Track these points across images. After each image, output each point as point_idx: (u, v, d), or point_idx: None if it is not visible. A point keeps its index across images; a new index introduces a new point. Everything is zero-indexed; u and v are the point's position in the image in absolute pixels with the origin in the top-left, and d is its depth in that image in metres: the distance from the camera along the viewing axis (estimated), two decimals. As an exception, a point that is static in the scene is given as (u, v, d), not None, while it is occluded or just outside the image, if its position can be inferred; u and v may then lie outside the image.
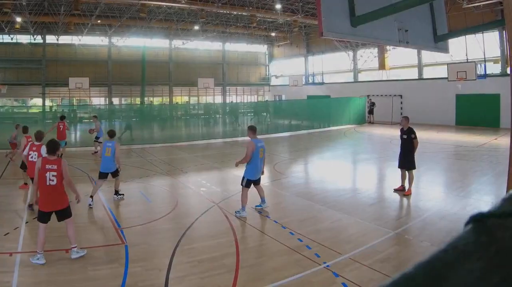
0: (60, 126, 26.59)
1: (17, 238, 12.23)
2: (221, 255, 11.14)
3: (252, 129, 15.56)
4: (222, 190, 18.52)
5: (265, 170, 15.29)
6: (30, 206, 15.13)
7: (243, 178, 14.99)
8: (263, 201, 15.35)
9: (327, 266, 10.26)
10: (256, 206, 15.45)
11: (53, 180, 10.72)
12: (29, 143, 16.40)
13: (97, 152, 27.42)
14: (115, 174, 17.35)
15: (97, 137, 28.69)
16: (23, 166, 17.81)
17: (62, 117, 27.52)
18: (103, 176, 17.11)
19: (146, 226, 13.69)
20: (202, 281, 9.64)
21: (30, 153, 15.68)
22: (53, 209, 10.94)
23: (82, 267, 10.24)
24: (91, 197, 16.13)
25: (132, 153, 28.68)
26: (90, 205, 15.81)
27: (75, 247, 10.91)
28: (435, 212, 14.85)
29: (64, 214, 11.07)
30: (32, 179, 13.22)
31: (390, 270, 9.89)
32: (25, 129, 20.15)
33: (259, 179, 15.33)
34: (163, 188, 19.65)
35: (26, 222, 13.75)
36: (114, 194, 17.45)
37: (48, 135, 21.26)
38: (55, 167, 10.76)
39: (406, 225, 13.61)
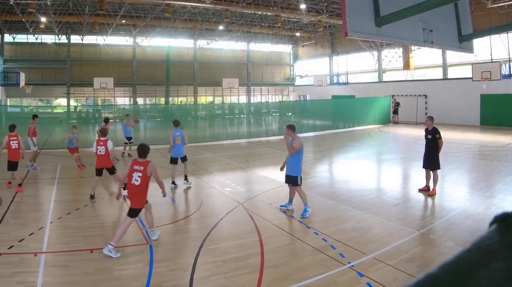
0: None
1: (42, 238, 12.22)
2: (245, 255, 11.14)
3: (293, 128, 14.82)
4: (246, 190, 18.51)
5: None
6: (92, 196, 17.22)
7: (297, 177, 14.61)
8: (290, 202, 15.21)
9: (352, 266, 10.22)
10: (281, 206, 15.35)
11: (137, 180, 11.56)
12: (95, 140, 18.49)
13: (129, 154, 27.91)
14: (184, 159, 19.40)
15: (128, 138, 28.66)
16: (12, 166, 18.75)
17: (106, 120, 27.31)
18: (174, 161, 18.96)
19: (171, 226, 13.76)
20: (227, 281, 9.64)
21: (98, 147, 17.54)
22: (135, 206, 11.73)
23: (107, 267, 10.28)
24: (173, 182, 17.74)
25: (157, 153, 28.57)
26: (175, 186, 18.09)
27: (153, 230, 12.41)
28: (460, 212, 14.76)
29: (134, 213, 11.69)
30: (99, 170, 17.56)
31: (415, 270, 9.84)
32: (11, 128, 20.02)
33: None
34: (187, 188, 19.49)
35: (51, 222, 13.77)
36: (184, 179, 19.20)
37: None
38: (141, 168, 11.61)
39: (431, 225, 13.52)
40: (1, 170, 18.94)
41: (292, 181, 14.67)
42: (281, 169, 15.12)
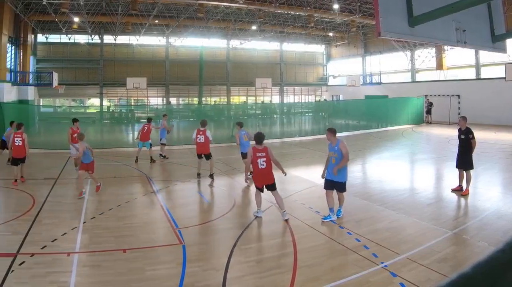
0: (145, 128, 26.52)
1: (75, 238, 12.33)
2: (279, 255, 11.19)
3: (333, 131, 14.88)
4: (279, 190, 17.93)
5: (323, 169, 15.10)
6: (199, 174, 21.11)
7: (344, 183, 14.33)
8: (333, 211, 14.45)
9: (385, 266, 10.21)
10: (324, 218, 14.34)
11: (263, 165, 14.07)
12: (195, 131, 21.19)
13: (165, 156, 27.82)
14: (208, 157, 20.84)
15: (161, 139, 28.27)
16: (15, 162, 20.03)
17: (149, 120, 27.42)
18: (244, 155, 19.79)
19: (204, 226, 13.81)
20: (260, 281, 9.66)
21: (198, 136, 20.83)
22: (264, 183, 14.24)
23: (139, 267, 10.34)
24: (247, 180, 17.07)
25: (189, 153, 28.61)
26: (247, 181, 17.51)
27: (285, 211, 14.14)
28: (493, 212, 14.64)
29: (272, 187, 14.25)
30: (199, 155, 21.10)
31: (448, 270, 9.80)
32: (18, 126, 21.36)
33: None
34: (220, 187, 19.67)
35: (84, 222, 13.90)
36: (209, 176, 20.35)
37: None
38: (264, 154, 14.11)
39: (464, 225, 13.44)
40: (34, 170, 19.04)
41: (339, 187, 14.24)
42: (323, 176, 14.64)
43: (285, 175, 14.85)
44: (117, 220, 14.35)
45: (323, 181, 14.44)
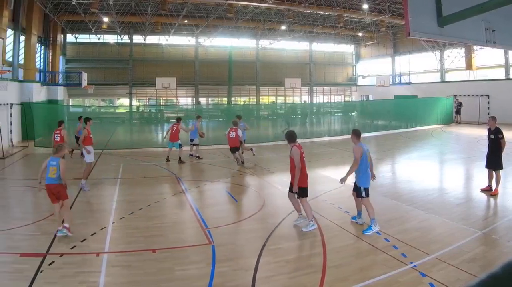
0: (173, 128, 26.45)
1: (104, 238, 12.42)
2: (308, 255, 11.26)
3: (357, 134, 13.90)
4: (309, 190, 18.37)
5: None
6: (242, 162, 23.60)
7: (360, 188, 13.37)
8: (359, 215, 14.09)
9: (414, 266, 10.19)
10: (352, 218, 14.35)
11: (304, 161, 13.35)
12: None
13: (198, 156, 27.75)
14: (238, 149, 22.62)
15: (191, 140, 28.18)
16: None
17: (178, 119, 27.29)
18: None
19: (233, 226, 13.79)
20: (289, 281, 9.65)
21: (230, 133, 24.05)
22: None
23: (169, 268, 10.37)
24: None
25: (218, 153, 29.01)
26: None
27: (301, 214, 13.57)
28: (522, 212, 14.60)
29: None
30: (232, 148, 24.12)
31: (477, 270, 9.75)
32: (59, 124, 22.97)
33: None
34: (250, 188, 19.65)
35: (113, 222, 13.99)
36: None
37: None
38: (303, 150, 13.19)
39: (493, 225, 13.38)
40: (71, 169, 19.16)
41: (357, 191, 13.63)
42: (342, 181, 13.64)
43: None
44: (146, 220, 14.41)
45: (352, 181, 14.30)
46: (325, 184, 19.38)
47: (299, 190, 13.04)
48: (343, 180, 13.60)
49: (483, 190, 17.55)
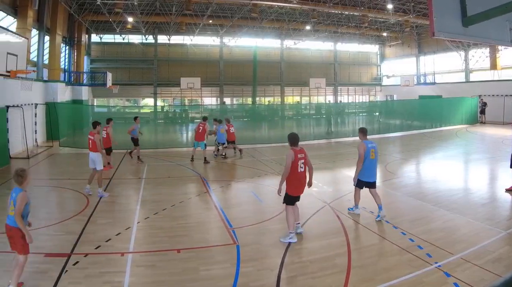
0: (200, 127, 26.26)
1: (129, 238, 12.52)
2: (332, 255, 11.16)
3: (363, 131, 15.29)
4: (333, 190, 18.52)
5: (377, 169, 14.92)
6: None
7: (358, 179, 14.83)
8: (380, 208, 14.35)
9: (439, 266, 10.19)
10: (377, 215, 14.63)
11: (302, 167, 12.39)
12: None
13: (223, 154, 27.78)
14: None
15: (219, 142, 27.98)
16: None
17: (205, 119, 27.01)
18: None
19: (258, 226, 13.80)
20: (314, 281, 9.66)
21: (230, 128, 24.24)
22: (300, 193, 12.66)
23: (193, 268, 10.41)
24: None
25: (243, 153, 28.82)
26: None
27: (299, 223, 12.99)
28: (547, 211, 14.53)
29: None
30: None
31: (502, 270, 9.76)
32: (107, 121, 23.58)
33: (374, 183, 14.76)
34: (274, 187, 18.79)
35: (138, 222, 14.08)
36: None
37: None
38: (303, 155, 12.45)
39: (518, 225, 13.38)
40: (88, 169, 19.18)
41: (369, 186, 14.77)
42: (354, 181, 14.86)
43: (309, 187, 13.04)
44: (171, 220, 14.47)
45: (377, 181, 14.49)
46: (349, 184, 18.95)
47: (285, 196, 12.62)
48: (354, 180, 14.83)
49: (507, 190, 17.53)
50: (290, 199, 12.57)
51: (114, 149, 25.94)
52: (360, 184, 14.79)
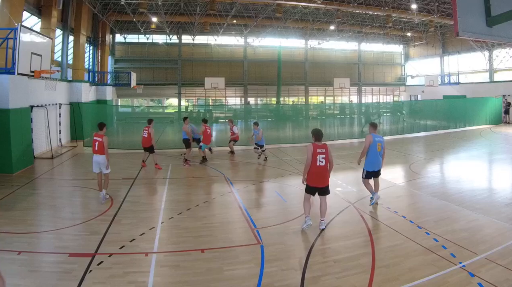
0: (208, 130, 26.40)
1: (153, 238, 12.55)
2: (356, 255, 11.14)
3: (373, 125, 16.59)
4: (358, 190, 18.45)
5: (401, 169, 15.07)
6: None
7: (363, 170, 16.11)
8: (374, 194, 16.04)
9: (463, 266, 10.15)
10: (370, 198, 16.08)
11: (322, 161, 13.37)
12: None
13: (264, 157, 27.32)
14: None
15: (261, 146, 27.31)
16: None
17: (205, 121, 27.12)
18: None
19: (282, 226, 13.77)
20: (338, 281, 9.65)
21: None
22: (318, 185, 13.48)
23: (218, 267, 10.42)
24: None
25: (268, 153, 28.26)
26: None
27: (323, 220, 13.54)
28: None
29: (326, 190, 13.63)
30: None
31: (526, 270, 9.75)
32: (149, 121, 23.37)
33: (379, 171, 16.01)
34: (298, 187, 19.20)
35: (162, 222, 14.12)
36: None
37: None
38: (324, 150, 13.45)
39: (542, 225, 13.31)
40: (112, 170, 19.20)
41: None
42: (358, 162, 16.74)
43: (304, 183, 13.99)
44: (195, 220, 14.50)
45: (401, 181, 14.64)
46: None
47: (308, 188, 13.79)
48: (358, 162, 16.59)
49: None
50: (307, 189, 13.63)
51: (138, 150, 26.10)
52: (368, 175, 15.91)
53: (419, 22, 58.99)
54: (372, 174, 15.89)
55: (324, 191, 13.60)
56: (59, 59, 37.83)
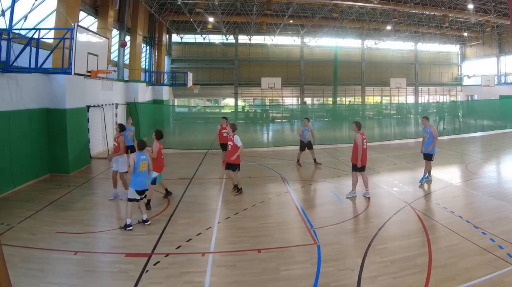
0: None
1: (210, 238, 12.63)
2: (413, 255, 11.10)
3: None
4: (414, 190, 18.37)
5: (457, 169, 15.41)
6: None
7: (428, 154, 19.54)
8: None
9: (519, 266, 10.05)
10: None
11: (365, 145, 17.44)
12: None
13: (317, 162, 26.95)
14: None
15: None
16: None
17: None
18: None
19: (338, 226, 13.76)
20: (394, 281, 9.63)
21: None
22: (365, 163, 17.55)
23: (274, 268, 10.45)
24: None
25: (324, 153, 28.88)
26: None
27: (368, 189, 17.51)
28: None
29: (364, 167, 17.61)
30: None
31: None
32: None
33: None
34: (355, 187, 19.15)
35: (218, 222, 14.19)
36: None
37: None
38: (365, 136, 17.57)
39: None
40: (169, 169, 19.33)
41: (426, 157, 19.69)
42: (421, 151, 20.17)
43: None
44: (252, 220, 14.57)
45: (458, 181, 14.71)
46: (431, 183, 19.36)
47: (352, 165, 17.71)
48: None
49: None
50: (358, 168, 17.38)
51: (195, 149, 26.18)
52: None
53: (475, 22, 58.24)
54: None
55: (364, 167, 17.55)
56: (116, 59, 38.28)
